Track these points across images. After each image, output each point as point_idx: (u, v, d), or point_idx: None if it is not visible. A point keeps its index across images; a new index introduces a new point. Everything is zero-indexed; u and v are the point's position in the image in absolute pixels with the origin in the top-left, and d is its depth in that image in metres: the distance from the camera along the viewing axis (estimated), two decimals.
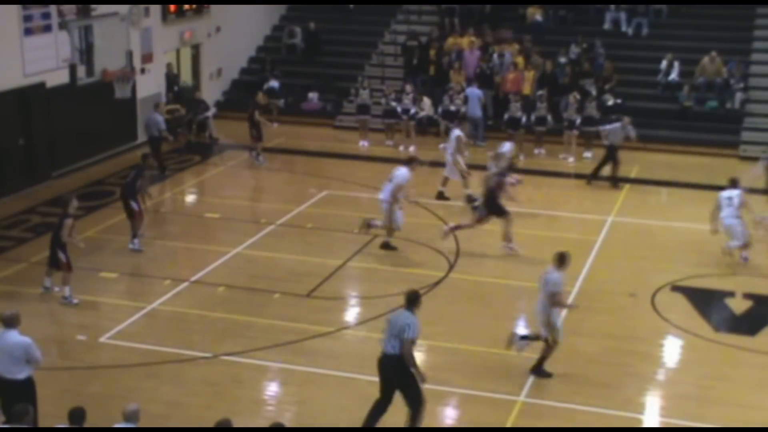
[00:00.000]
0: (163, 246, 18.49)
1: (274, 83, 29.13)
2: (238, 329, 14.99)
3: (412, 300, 11.78)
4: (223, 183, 23.38)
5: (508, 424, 12.24)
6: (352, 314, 16.02)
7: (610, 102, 26.96)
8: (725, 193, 17.88)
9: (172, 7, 27.06)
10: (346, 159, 25.28)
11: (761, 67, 28.07)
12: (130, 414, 9.87)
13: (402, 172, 18.14)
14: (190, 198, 22.46)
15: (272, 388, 13.54)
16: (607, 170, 22.77)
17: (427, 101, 27.12)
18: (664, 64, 27.71)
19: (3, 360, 10.97)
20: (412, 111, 26.64)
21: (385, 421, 11.86)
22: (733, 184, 18.07)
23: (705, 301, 16.23)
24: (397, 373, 11.54)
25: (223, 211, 20.68)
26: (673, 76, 27.63)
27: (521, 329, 14.82)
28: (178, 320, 15.47)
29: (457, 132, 21.48)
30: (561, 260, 13.31)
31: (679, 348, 14.92)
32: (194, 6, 28.06)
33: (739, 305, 16.18)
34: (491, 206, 18.12)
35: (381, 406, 11.72)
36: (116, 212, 19.64)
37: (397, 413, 11.93)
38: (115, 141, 25.08)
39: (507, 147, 20.73)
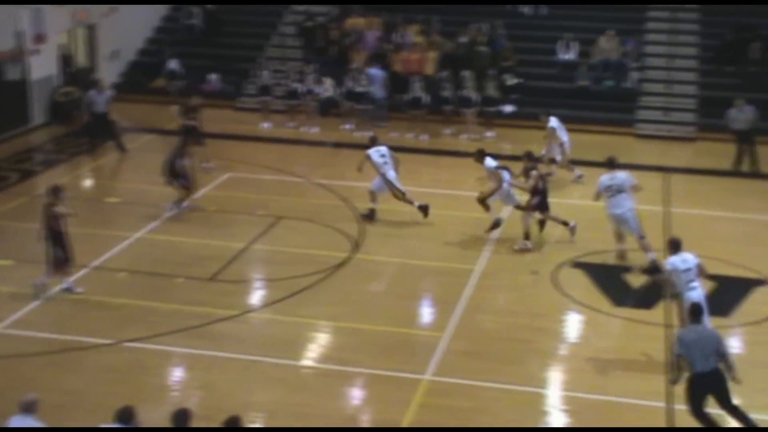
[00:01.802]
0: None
1: (173, 64, 28.64)
2: (141, 315, 14.75)
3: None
4: (123, 167, 22.94)
5: (414, 403, 12.33)
6: (256, 297, 15.92)
7: (510, 81, 27.29)
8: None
9: None
10: (248, 141, 25.06)
11: (656, 47, 28.79)
12: (27, 404, 9.64)
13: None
14: (88, 182, 21.97)
15: (177, 374, 13.38)
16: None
17: (328, 82, 27.02)
18: (561, 43, 28.17)
19: None
20: (315, 92, 26.52)
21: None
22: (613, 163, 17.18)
23: (604, 276, 16.59)
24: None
25: (124, 196, 20.31)
26: (571, 55, 28.11)
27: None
28: (78, 307, 15.13)
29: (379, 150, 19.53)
30: None
31: (579, 323, 15.23)
32: None
33: (636, 280, 16.58)
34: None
35: None
36: (10, 198, 19.10)
37: (299, 395, 11.92)
38: (7, 124, 24.34)
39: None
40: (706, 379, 11.16)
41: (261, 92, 27.02)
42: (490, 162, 18.22)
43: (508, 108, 26.83)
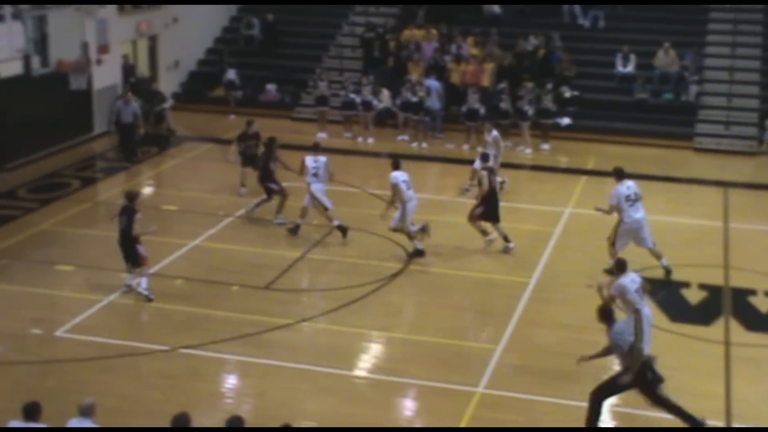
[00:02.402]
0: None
1: (231, 75, 28.96)
2: (196, 322, 14.91)
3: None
4: (181, 175, 23.21)
5: (467, 415, 12.29)
6: (310, 306, 15.98)
7: (567, 94, 27.16)
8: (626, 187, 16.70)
9: None
10: (304, 151, 25.12)
11: (716, 60, 28.41)
12: (86, 408, 9.79)
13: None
14: (147, 190, 22.27)
15: (230, 381, 13.49)
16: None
17: (385, 93, 27.11)
18: (619, 56, 27.96)
19: None
20: (371, 103, 26.63)
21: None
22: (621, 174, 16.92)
23: (661, 291, 16.39)
24: None
25: (181, 203, 20.54)
26: (629, 68, 27.89)
27: None
28: (135, 313, 15.35)
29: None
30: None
31: None
32: None
33: (693, 295, 16.36)
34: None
35: None
36: (72, 204, 19.44)
37: (351, 406, 11.95)
38: (71, 132, 24.80)
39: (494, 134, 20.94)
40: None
41: (318, 102, 27.20)
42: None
43: (565, 120, 26.68)
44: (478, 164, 19.13)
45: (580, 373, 13.49)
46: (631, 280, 13.10)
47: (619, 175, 16.95)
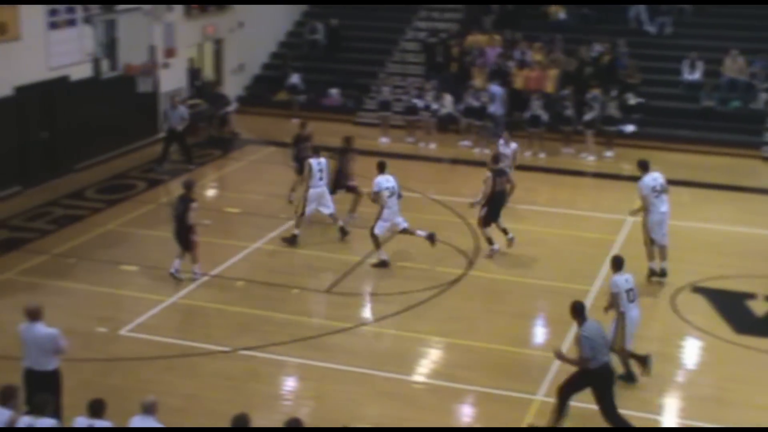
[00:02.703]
0: None
1: (295, 79, 29.19)
2: (257, 324, 15.05)
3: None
4: (244, 177, 23.44)
5: (525, 424, 12.22)
6: (370, 310, 16.05)
7: (632, 101, 26.88)
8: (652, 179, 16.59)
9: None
10: (366, 155, 25.26)
11: None
12: (148, 405, 9.93)
13: None
14: (210, 192, 22.54)
15: (289, 383, 13.59)
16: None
17: (448, 98, 27.09)
18: (686, 63, 27.58)
19: (32, 352, 11.11)
20: (434, 108, 26.63)
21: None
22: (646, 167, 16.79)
23: (725, 302, 16.14)
24: None
25: (243, 206, 20.75)
26: (696, 75, 27.49)
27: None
28: (197, 314, 15.55)
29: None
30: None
31: (698, 349, 14.86)
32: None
33: (759, 307, 16.09)
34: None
35: None
36: (138, 205, 19.75)
37: (409, 410, 11.95)
38: (138, 134, 25.21)
39: (514, 146, 20.71)
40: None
41: (381, 107, 27.28)
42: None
43: (629, 128, 26.40)
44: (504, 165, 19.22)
45: (641, 383, 13.35)
46: (625, 279, 13.15)
47: (645, 167, 16.77)
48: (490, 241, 17.91)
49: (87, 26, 21.96)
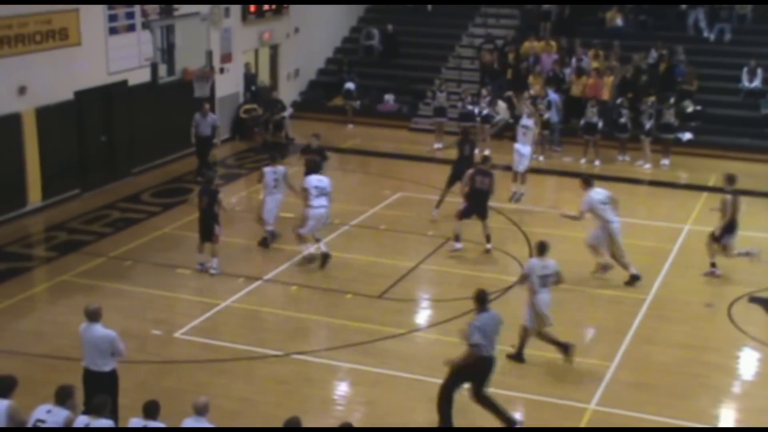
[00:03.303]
0: (238, 244, 18.69)
1: (350, 84, 29.30)
2: (310, 328, 15.12)
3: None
4: (298, 183, 23.48)
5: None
6: (423, 316, 16.05)
7: (690, 109, 26.55)
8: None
9: (252, 8, 27.39)
10: (421, 161, 25.31)
11: None
12: (201, 407, 10.02)
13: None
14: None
15: (342, 388, 13.62)
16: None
17: (502, 105, 26.99)
18: (746, 70, 27.17)
19: (90, 353, 11.27)
20: (489, 114, 26.52)
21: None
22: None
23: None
24: None
25: (297, 211, 20.79)
26: (756, 83, 27.08)
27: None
28: (250, 318, 15.67)
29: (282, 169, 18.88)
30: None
31: (755, 360, 14.64)
32: (274, 6, 28.35)
33: None
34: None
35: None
36: (193, 209, 19.87)
37: (459, 417, 11.91)
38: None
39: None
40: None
41: (435, 113, 27.26)
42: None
43: (686, 135, 26.09)
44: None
45: (695, 393, 13.20)
46: (543, 266, 13.71)
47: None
48: (456, 238, 18.13)
49: (145, 32, 22.26)
